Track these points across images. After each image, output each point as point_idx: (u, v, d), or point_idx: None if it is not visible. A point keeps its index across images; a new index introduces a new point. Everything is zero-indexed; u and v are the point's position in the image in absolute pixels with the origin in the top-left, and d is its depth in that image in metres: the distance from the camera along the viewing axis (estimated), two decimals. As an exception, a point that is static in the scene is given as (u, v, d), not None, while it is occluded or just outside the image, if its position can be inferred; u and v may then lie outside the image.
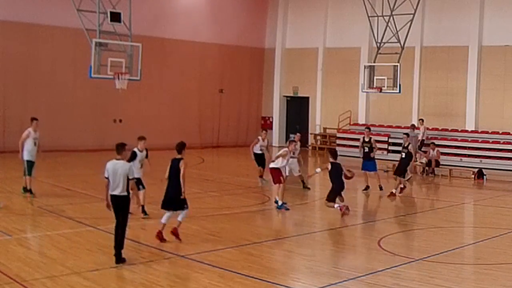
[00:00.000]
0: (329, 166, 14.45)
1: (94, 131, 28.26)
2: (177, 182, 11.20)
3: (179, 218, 11.49)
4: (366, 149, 18.83)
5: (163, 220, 11.45)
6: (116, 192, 10.10)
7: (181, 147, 11.44)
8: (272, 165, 15.88)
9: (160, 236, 11.35)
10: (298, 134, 19.73)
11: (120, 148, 10.30)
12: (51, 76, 26.93)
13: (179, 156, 11.34)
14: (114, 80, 21.27)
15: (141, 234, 12.09)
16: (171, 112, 30.91)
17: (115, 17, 21.37)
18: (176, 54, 31.17)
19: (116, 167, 10.11)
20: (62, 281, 8.85)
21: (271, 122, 35.64)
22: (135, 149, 13.65)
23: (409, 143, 18.22)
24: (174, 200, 11.36)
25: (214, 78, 33.14)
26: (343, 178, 14.49)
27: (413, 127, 25.77)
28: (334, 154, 14.84)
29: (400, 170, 18.07)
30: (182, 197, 11.29)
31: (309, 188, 18.57)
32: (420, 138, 25.97)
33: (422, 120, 26.76)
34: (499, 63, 27.13)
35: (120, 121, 29.13)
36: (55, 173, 20.96)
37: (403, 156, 18.17)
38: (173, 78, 31.16)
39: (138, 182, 13.08)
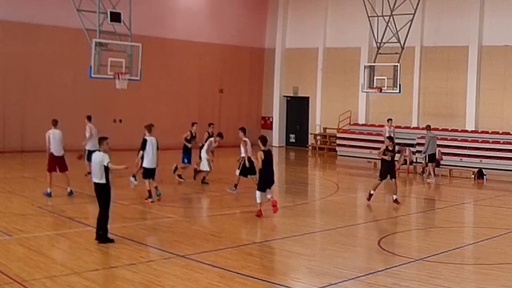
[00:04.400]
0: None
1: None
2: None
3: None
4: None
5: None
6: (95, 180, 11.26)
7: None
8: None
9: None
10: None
11: (100, 141, 11.51)
12: (51, 76, 26.93)
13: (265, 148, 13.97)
14: (114, 80, 21.27)
15: (141, 234, 12.09)
16: (171, 112, 30.91)
17: (115, 17, 21.38)
18: (176, 54, 31.17)
19: (95, 157, 11.28)
20: (62, 281, 8.85)
21: (271, 122, 35.65)
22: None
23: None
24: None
25: (214, 78, 33.14)
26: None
27: (428, 127, 25.28)
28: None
29: None
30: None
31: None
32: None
33: (390, 120, 25.61)
34: (499, 63, 27.14)
35: (120, 121, 29.14)
36: (55, 173, 20.92)
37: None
38: (173, 78, 31.17)
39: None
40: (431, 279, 9.37)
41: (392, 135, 24.89)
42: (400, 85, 25.72)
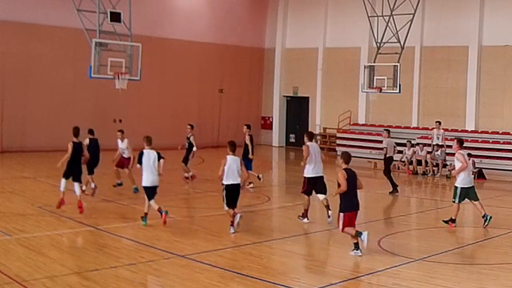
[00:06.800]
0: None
1: (94, 131, 28.20)
2: None
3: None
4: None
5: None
6: None
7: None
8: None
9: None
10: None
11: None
12: (51, 76, 26.93)
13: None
14: (114, 80, 21.28)
15: (141, 234, 12.09)
16: (171, 112, 30.91)
17: (115, 17, 21.39)
18: (176, 54, 31.17)
19: None
20: (62, 281, 8.85)
21: (271, 122, 35.66)
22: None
23: (191, 135, 19.51)
24: None
25: (214, 78, 33.14)
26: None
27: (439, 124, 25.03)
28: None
29: (185, 158, 19.59)
30: None
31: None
32: (435, 142, 24.56)
33: (438, 123, 24.96)
34: (499, 63, 27.14)
35: (120, 121, 29.09)
36: (55, 173, 20.88)
37: (187, 146, 19.55)
38: (173, 78, 31.17)
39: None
40: (431, 279, 9.37)
41: (440, 140, 24.37)
42: (400, 85, 25.70)
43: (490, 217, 13.53)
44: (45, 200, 15.48)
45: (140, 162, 12.70)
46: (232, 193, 12.31)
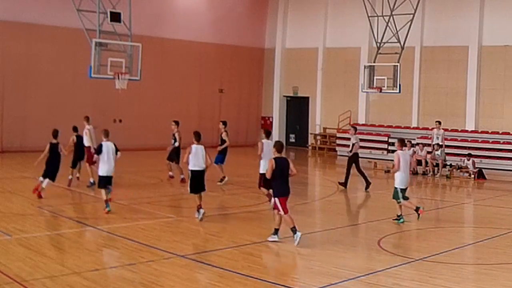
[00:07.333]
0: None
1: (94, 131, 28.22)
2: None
3: None
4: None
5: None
6: None
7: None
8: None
9: None
10: None
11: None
12: (51, 76, 26.93)
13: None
14: (114, 80, 21.27)
15: (141, 234, 12.09)
16: (171, 112, 30.88)
17: (115, 17, 21.39)
18: (176, 54, 31.17)
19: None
20: (62, 281, 8.85)
21: (271, 122, 35.65)
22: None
23: (177, 131, 19.59)
24: None
25: (214, 78, 33.14)
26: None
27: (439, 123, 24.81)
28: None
29: (171, 155, 19.53)
30: None
31: None
32: (435, 142, 24.34)
33: (438, 122, 24.77)
34: (499, 63, 27.14)
35: (120, 121, 29.13)
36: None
37: (173, 143, 19.44)
38: (173, 78, 31.17)
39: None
40: (431, 279, 9.37)
41: (440, 140, 24.30)
42: (400, 85, 25.71)
43: (403, 221, 13.86)
44: (45, 200, 15.48)
45: (100, 152, 14.07)
46: (197, 178, 13.53)
